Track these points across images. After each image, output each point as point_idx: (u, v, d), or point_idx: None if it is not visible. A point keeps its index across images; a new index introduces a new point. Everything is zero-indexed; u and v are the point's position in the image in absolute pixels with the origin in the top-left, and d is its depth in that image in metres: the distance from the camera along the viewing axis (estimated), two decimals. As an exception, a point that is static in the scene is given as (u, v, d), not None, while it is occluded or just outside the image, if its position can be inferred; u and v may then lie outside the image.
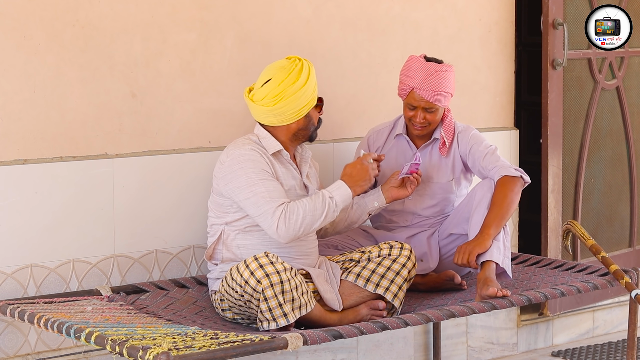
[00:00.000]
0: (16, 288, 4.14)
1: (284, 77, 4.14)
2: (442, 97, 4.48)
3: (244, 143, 4.16)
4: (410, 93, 4.49)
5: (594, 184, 5.68)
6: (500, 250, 4.35)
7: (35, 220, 4.15)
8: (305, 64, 4.19)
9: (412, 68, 4.50)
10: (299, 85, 4.14)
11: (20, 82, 4.11)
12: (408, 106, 4.54)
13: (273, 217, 4.02)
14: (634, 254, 5.89)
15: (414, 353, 5.09)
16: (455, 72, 4.56)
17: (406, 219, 4.68)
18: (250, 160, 4.10)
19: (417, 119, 4.52)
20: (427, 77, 4.45)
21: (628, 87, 5.78)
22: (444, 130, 4.59)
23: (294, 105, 4.16)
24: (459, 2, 5.18)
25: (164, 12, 4.39)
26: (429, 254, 4.62)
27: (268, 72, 4.19)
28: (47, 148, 4.18)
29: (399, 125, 4.68)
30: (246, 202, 4.08)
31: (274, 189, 4.07)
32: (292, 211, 4.03)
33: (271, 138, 4.21)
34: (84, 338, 3.55)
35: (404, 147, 4.66)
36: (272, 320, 3.92)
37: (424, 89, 4.45)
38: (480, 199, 4.43)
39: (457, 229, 4.58)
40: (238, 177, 4.08)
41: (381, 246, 4.30)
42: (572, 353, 5.48)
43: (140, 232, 4.38)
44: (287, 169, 4.23)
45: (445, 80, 4.47)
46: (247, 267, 3.91)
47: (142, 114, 4.37)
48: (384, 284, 4.22)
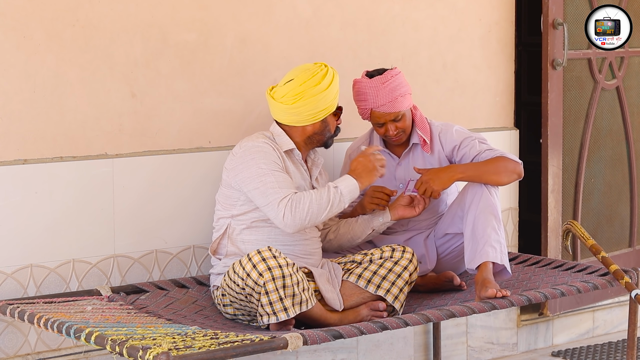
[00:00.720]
0: (16, 288, 4.14)
1: (307, 78, 4.20)
2: (400, 102, 4.46)
3: (258, 137, 4.22)
4: (372, 113, 4.49)
5: (594, 184, 5.68)
6: (495, 249, 4.34)
7: (35, 220, 4.15)
8: (331, 71, 4.25)
9: (361, 91, 4.49)
10: (320, 89, 4.19)
11: (20, 82, 4.11)
12: (376, 125, 4.53)
13: (279, 206, 4.05)
14: (634, 254, 5.89)
15: (414, 353, 5.09)
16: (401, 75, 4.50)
17: (402, 223, 4.68)
18: (262, 151, 4.14)
19: (390, 132, 4.51)
20: (378, 93, 4.44)
21: (628, 87, 5.78)
22: (418, 129, 4.57)
23: (312, 107, 4.20)
24: (459, 2, 5.18)
25: (164, 12, 4.39)
26: (426, 255, 4.62)
27: (292, 73, 4.26)
28: (47, 148, 4.18)
29: (375, 139, 4.67)
30: (255, 192, 4.11)
31: (283, 180, 4.10)
32: (299, 200, 4.06)
33: (285, 136, 4.26)
34: (84, 338, 3.55)
35: (385, 160, 4.61)
36: (272, 314, 3.93)
37: (380, 104, 4.44)
38: (473, 197, 4.43)
39: (452, 228, 4.57)
40: (249, 168, 4.12)
41: (383, 249, 4.31)
42: (572, 353, 5.48)
43: (140, 232, 4.39)
44: (297, 169, 4.27)
45: (396, 86, 4.45)
46: (249, 260, 3.92)
47: (142, 114, 4.37)
48: (385, 285, 4.23)
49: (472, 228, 4.38)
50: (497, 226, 4.38)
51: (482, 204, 4.40)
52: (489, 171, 4.44)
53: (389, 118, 4.48)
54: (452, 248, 4.60)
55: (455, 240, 4.58)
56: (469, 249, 4.39)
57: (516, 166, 4.48)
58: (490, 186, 4.43)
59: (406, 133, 4.56)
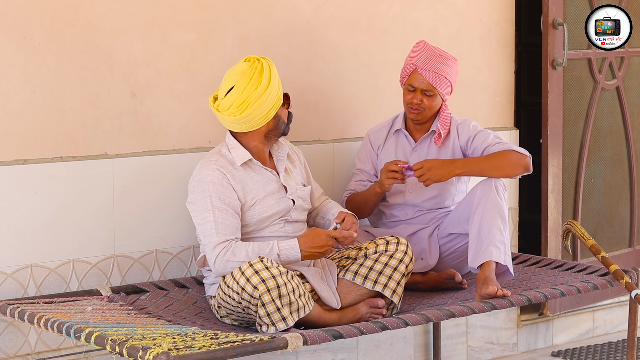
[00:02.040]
0: (16, 288, 4.14)
1: (246, 83, 4.09)
2: (442, 82, 4.53)
3: (211, 161, 4.14)
4: (412, 73, 4.55)
5: (594, 184, 5.68)
6: (499, 249, 4.35)
7: (35, 220, 4.15)
8: (265, 64, 4.14)
9: (417, 49, 4.59)
10: (262, 90, 4.10)
11: (20, 82, 4.11)
12: (408, 88, 4.57)
13: (212, 252, 4.03)
14: (634, 254, 5.89)
15: (414, 353, 5.09)
16: (458, 70, 4.58)
17: (407, 212, 4.68)
18: (211, 183, 4.09)
19: (415, 100, 4.56)
20: (431, 57, 4.53)
21: (628, 87, 5.78)
22: (439, 122, 4.61)
23: (260, 110, 4.12)
24: (459, 2, 5.18)
25: (164, 12, 4.39)
26: (429, 251, 4.62)
27: (230, 79, 4.14)
28: (47, 148, 4.18)
29: (397, 122, 4.71)
30: (197, 226, 4.11)
31: (223, 221, 4.05)
32: (234, 252, 4.01)
33: (240, 148, 4.19)
34: (84, 338, 3.55)
35: (402, 142, 4.68)
36: (271, 324, 3.92)
37: (426, 68, 4.51)
38: (481, 198, 4.44)
39: (457, 228, 4.58)
40: (197, 201, 4.10)
41: (377, 242, 4.29)
42: (572, 353, 5.48)
43: (140, 232, 4.38)
44: (261, 176, 4.21)
45: (448, 67, 4.54)
46: (242, 274, 3.90)
47: (142, 114, 4.37)
48: (382, 280, 4.22)
49: (478, 228, 4.40)
50: (502, 227, 4.40)
51: (489, 204, 4.42)
52: (491, 165, 4.47)
53: (422, 86, 4.53)
54: (455, 248, 4.61)
55: (458, 240, 4.59)
56: (473, 247, 4.40)
57: (522, 159, 4.51)
58: (499, 188, 4.46)
59: (425, 115, 4.60)
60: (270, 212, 4.18)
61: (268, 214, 4.18)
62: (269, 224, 4.19)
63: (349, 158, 4.85)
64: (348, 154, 4.88)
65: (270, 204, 4.18)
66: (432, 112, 4.61)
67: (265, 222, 4.18)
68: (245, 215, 4.15)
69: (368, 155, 4.73)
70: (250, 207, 4.15)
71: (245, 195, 4.15)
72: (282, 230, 4.21)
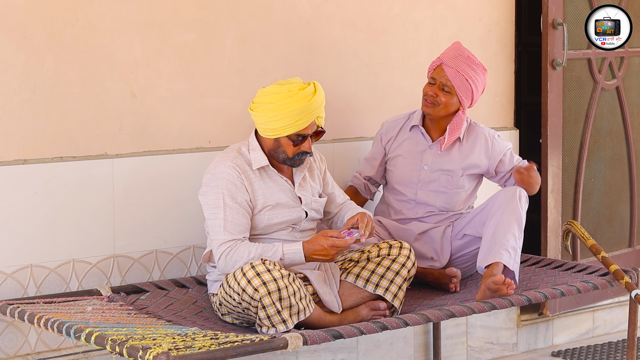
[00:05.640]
0: (16, 288, 4.14)
1: (274, 91, 4.09)
2: (462, 82, 4.56)
3: (228, 158, 4.13)
4: (437, 67, 4.61)
5: (594, 184, 5.68)
6: (510, 254, 4.36)
7: (35, 220, 4.15)
8: (299, 97, 4.05)
9: (449, 48, 4.67)
10: (275, 107, 4.07)
11: (20, 82, 4.11)
12: (430, 80, 4.63)
13: (218, 250, 4.03)
14: (634, 254, 5.89)
15: (414, 353, 5.09)
16: (485, 82, 4.65)
17: (417, 211, 4.68)
18: (225, 180, 4.08)
19: (431, 92, 4.59)
20: (458, 56, 4.58)
21: (628, 87, 5.79)
22: (450, 125, 4.61)
23: (262, 120, 4.10)
24: (459, 2, 5.18)
25: (164, 12, 4.39)
26: (440, 252, 4.61)
27: (284, 82, 4.15)
28: (47, 148, 4.18)
29: (415, 117, 4.71)
30: (207, 220, 4.11)
31: (233, 220, 4.05)
32: (237, 252, 4.01)
33: (260, 151, 4.17)
34: (84, 338, 3.55)
35: (418, 139, 4.69)
36: (271, 326, 3.92)
37: (450, 65, 4.56)
38: (502, 203, 4.45)
39: (473, 230, 4.58)
40: (210, 194, 4.09)
41: (380, 245, 4.29)
42: (572, 353, 5.48)
43: (140, 232, 4.39)
44: (275, 183, 4.19)
45: (472, 71, 4.57)
46: (244, 275, 3.90)
47: (142, 114, 4.37)
48: (384, 284, 4.22)
49: (494, 230, 4.41)
50: (517, 235, 4.41)
51: (509, 210, 4.43)
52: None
53: (443, 80, 4.57)
54: (466, 251, 4.61)
55: (471, 243, 4.59)
56: (485, 248, 4.40)
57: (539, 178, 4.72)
58: (522, 198, 4.50)
59: (438, 112, 4.60)
60: (280, 220, 4.17)
61: (278, 220, 4.17)
62: (277, 229, 4.19)
63: (349, 158, 4.85)
64: (348, 154, 4.88)
65: (282, 212, 4.17)
66: (445, 111, 4.61)
67: (273, 227, 4.18)
68: (254, 218, 4.14)
69: (376, 148, 4.78)
70: (259, 211, 4.14)
71: (256, 199, 4.14)
72: (289, 235, 4.21)
